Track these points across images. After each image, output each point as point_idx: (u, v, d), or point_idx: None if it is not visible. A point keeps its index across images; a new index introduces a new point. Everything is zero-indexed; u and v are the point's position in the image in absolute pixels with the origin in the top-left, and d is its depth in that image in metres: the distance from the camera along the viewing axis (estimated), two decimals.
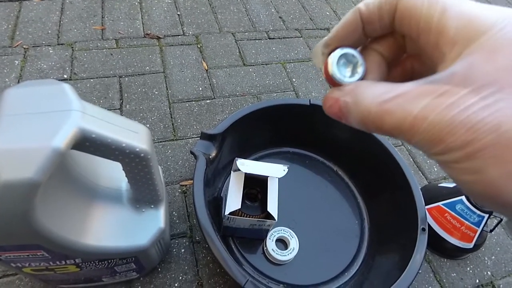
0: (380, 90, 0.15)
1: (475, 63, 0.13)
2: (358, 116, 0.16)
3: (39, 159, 0.25)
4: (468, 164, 0.13)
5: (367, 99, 0.16)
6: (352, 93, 0.16)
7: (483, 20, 0.14)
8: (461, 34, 0.14)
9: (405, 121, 0.14)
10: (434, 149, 0.14)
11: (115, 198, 0.37)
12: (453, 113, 0.13)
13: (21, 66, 0.69)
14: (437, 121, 0.14)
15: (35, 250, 0.32)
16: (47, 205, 0.28)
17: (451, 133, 0.13)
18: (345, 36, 0.18)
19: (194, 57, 0.78)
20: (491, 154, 0.13)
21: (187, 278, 0.49)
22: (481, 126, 0.13)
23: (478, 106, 0.13)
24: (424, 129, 0.14)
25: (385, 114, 0.15)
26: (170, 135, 0.64)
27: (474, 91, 0.13)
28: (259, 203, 0.50)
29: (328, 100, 0.18)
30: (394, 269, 0.46)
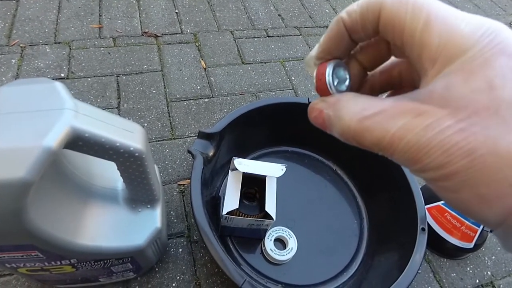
0: (361, 106, 0.16)
1: (453, 83, 0.14)
2: (339, 130, 0.16)
3: (31, 158, 0.24)
4: (445, 184, 0.14)
5: (348, 114, 0.16)
6: (335, 107, 0.17)
7: (465, 37, 0.14)
8: (442, 51, 0.14)
9: (383, 139, 0.15)
10: (413, 166, 0.15)
11: (110, 198, 0.37)
12: (429, 135, 0.13)
13: (18, 65, 0.68)
14: (414, 142, 0.14)
15: (29, 251, 0.32)
16: (40, 205, 0.28)
17: (428, 154, 0.14)
18: (333, 48, 0.18)
19: (192, 56, 0.78)
20: (464, 178, 0.13)
21: (185, 278, 0.49)
22: (456, 150, 0.13)
23: (453, 130, 0.13)
24: (401, 149, 0.14)
25: (364, 131, 0.15)
26: (168, 134, 0.64)
27: (451, 114, 0.13)
28: (257, 203, 0.50)
29: (313, 111, 0.18)
30: (394, 269, 0.46)
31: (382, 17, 0.15)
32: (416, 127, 0.14)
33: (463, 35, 0.14)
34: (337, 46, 0.18)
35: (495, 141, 0.13)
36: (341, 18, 0.17)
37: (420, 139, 0.14)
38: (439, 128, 0.13)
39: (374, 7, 0.15)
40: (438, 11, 0.14)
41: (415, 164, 0.14)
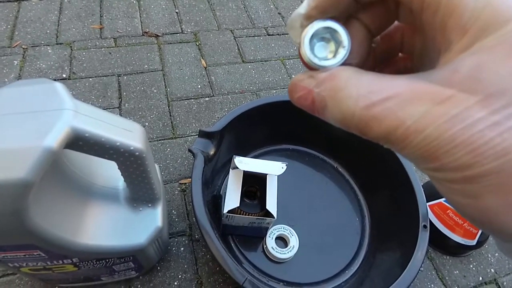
0: (366, 87, 0.12)
1: (488, 62, 0.11)
2: (338, 116, 0.13)
3: (31, 159, 0.24)
4: (464, 187, 0.12)
5: (350, 98, 0.13)
6: (330, 86, 0.13)
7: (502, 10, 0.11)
8: (478, 18, 0.11)
9: (396, 131, 0.12)
10: (426, 164, 0.12)
11: (111, 197, 0.37)
12: (455, 129, 0.11)
13: (20, 66, 0.69)
14: (435, 136, 0.11)
15: (31, 250, 0.32)
16: (42, 205, 0.28)
17: (450, 152, 0.11)
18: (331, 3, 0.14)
19: (193, 55, 0.78)
20: (493, 182, 0.11)
21: (187, 277, 0.49)
22: (487, 149, 0.11)
23: (486, 123, 0.11)
24: (417, 143, 0.12)
25: (371, 120, 0.12)
26: (169, 133, 0.64)
27: (482, 102, 0.11)
28: (258, 201, 0.50)
29: (297, 89, 0.14)
30: (396, 267, 0.46)
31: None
32: (438, 118, 0.11)
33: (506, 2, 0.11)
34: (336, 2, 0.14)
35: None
36: None
37: (443, 133, 0.11)
38: (468, 121, 0.11)
39: None
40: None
41: (431, 162, 0.12)
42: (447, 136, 0.11)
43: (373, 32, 0.16)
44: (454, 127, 0.11)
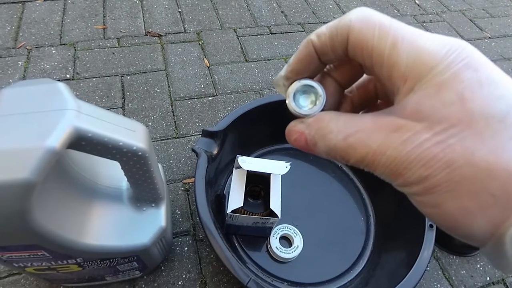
0: (342, 124, 0.16)
1: (425, 97, 0.14)
2: (325, 149, 0.17)
3: (34, 159, 0.24)
4: (427, 198, 0.14)
5: (332, 134, 0.16)
6: (316, 127, 0.17)
7: (432, 54, 0.14)
8: (412, 69, 0.14)
9: (367, 155, 0.15)
10: (395, 181, 0.15)
11: (115, 197, 0.37)
12: (408, 148, 0.14)
13: (25, 67, 0.69)
14: (394, 156, 0.14)
15: (35, 250, 0.32)
16: (45, 205, 0.28)
17: (408, 168, 0.14)
18: (302, 69, 0.18)
19: (196, 54, 0.78)
20: (446, 190, 0.13)
21: (191, 277, 0.49)
22: (435, 162, 0.13)
23: (431, 142, 0.13)
24: (383, 163, 0.15)
25: (349, 148, 0.15)
26: (172, 133, 0.64)
27: (427, 127, 0.14)
28: (262, 201, 0.49)
29: (292, 134, 0.18)
30: (401, 267, 0.45)
31: (350, 39, 0.15)
32: (394, 141, 0.14)
33: (430, 52, 0.14)
34: (307, 67, 0.18)
35: (472, 152, 0.13)
36: (310, 40, 0.17)
37: (400, 153, 0.14)
38: (417, 142, 0.14)
39: (342, 30, 0.16)
40: (404, 33, 0.15)
41: (397, 178, 0.15)
42: (403, 154, 0.14)
43: (344, 85, 0.20)
44: (408, 147, 0.14)
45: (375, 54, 0.15)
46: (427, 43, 0.14)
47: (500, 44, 0.98)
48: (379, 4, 1.04)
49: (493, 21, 1.06)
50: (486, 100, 0.13)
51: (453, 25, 1.01)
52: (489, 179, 0.13)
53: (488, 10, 1.10)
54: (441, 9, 1.07)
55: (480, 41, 0.98)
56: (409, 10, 1.04)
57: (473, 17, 1.06)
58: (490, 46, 0.97)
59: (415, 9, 1.05)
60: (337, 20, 0.16)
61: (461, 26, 1.02)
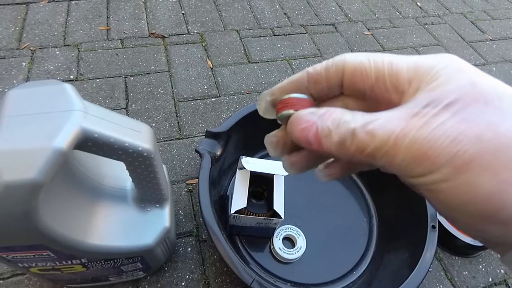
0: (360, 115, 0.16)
1: (436, 88, 0.14)
2: (340, 139, 0.16)
3: (41, 159, 0.24)
4: (459, 180, 0.13)
5: (351, 122, 0.15)
6: (331, 117, 0.16)
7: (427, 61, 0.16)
8: (414, 73, 0.15)
9: (388, 140, 0.14)
10: (418, 168, 0.14)
11: (119, 198, 0.37)
12: (433, 126, 0.13)
13: (28, 68, 0.69)
14: (418, 136, 0.14)
15: (41, 250, 0.32)
16: (51, 206, 0.28)
17: (435, 147, 0.13)
18: (290, 90, 0.19)
19: (199, 56, 0.78)
20: (481, 165, 0.12)
21: (194, 277, 0.49)
22: (463, 137, 0.13)
23: (454, 120, 0.13)
24: (405, 147, 0.14)
25: (368, 135, 0.15)
26: (175, 134, 0.64)
27: (446, 109, 0.14)
28: (265, 201, 0.50)
29: (302, 122, 0.17)
30: (404, 268, 0.45)
31: (347, 70, 0.17)
32: (416, 124, 0.14)
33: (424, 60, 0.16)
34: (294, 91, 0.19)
35: (497, 125, 0.13)
36: (306, 70, 0.19)
37: (425, 132, 0.13)
38: (440, 121, 0.13)
39: (338, 62, 0.17)
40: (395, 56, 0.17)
41: (422, 162, 0.14)
42: (427, 133, 0.13)
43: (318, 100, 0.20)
44: (432, 126, 0.13)
45: (374, 75, 0.17)
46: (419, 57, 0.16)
47: (502, 46, 0.98)
48: (381, 7, 1.04)
49: (494, 24, 1.06)
50: (493, 83, 0.14)
51: (454, 27, 1.02)
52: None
53: (489, 13, 1.10)
54: (443, 11, 1.07)
55: (482, 43, 0.98)
56: (411, 12, 1.04)
57: (474, 19, 1.06)
58: (492, 48, 0.97)
59: (417, 11, 1.05)
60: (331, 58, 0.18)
61: (462, 28, 1.02)
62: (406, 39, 0.95)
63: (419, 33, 0.97)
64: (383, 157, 0.15)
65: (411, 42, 0.94)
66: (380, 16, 1.00)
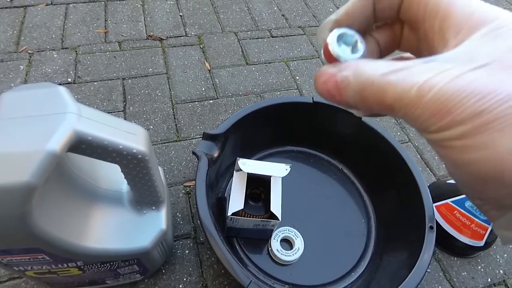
0: (383, 63, 0.15)
1: (478, 46, 0.14)
2: (358, 88, 0.15)
3: (35, 162, 0.24)
4: (474, 139, 0.13)
5: (370, 70, 0.15)
6: (352, 67, 0.16)
7: (487, 13, 0.14)
8: (466, 22, 0.14)
9: (409, 91, 0.13)
10: (437, 123, 0.13)
11: (115, 200, 0.37)
12: (462, 83, 0.13)
13: (26, 71, 0.69)
14: (445, 91, 0.13)
15: (36, 254, 0.32)
16: (46, 208, 0.28)
17: (460, 103, 0.12)
18: (357, 14, 0.18)
19: (197, 58, 0.78)
20: (500, 126, 0.12)
21: (192, 280, 0.49)
22: (493, 96, 0.12)
23: (489, 78, 0.13)
24: (429, 99, 0.13)
25: (388, 84, 0.14)
26: (173, 136, 0.64)
27: (479, 68, 0.13)
28: (263, 203, 0.49)
29: (322, 75, 0.17)
30: (402, 269, 0.45)
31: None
32: (447, 76, 0.13)
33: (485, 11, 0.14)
34: (361, 13, 0.18)
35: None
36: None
37: (452, 87, 0.13)
38: (472, 77, 0.13)
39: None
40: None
41: (442, 118, 0.13)
42: (456, 89, 0.13)
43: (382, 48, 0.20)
44: (461, 82, 0.13)
45: (432, 4, 0.15)
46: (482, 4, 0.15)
47: None
48: None
49: None
50: None
51: None
52: None
53: None
54: None
55: None
56: None
57: None
58: None
59: None
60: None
61: None
62: None
63: None
64: (402, 109, 0.14)
65: None
66: None
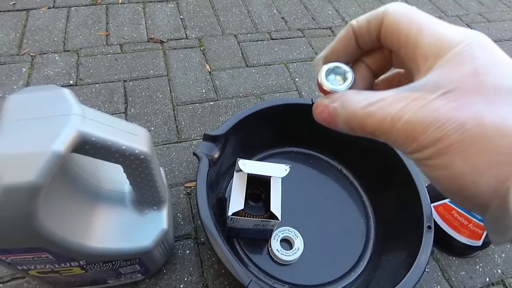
0: (364, 96, 0.17)
1: (443, 73, 0.16)
2: (345, 118, 0.18)
3: (40, 163, 0.25)
4: (439, 160, 0.15)
5: (353, 103, 0.17)
6: (340, 100, 0.18)
7: (451, 39, 0.16)
8: (432, 49, 0.16)
9: (384, 121, 0.16)
10: (409, 147, 0.16)
11: (117, 200, 0.38)
12: (425, 113, 0.15)
13: (28, 73, 0.70)
14: (410, 121, 0.15)
15: (39, 253, 0.32)
16: (50, 208, 0.29)
17: (424, 131, 0.15)
18: (341, 49, 0.20)
19: (197, 60, 0.79)
20: (458, 150, 0.14)
21: (192, 279, 0.50)
22: (449, 124, 0.14)
23: (446, 108, 0.15)
24: (399, 128, 0.16)
25: (368, 115, 0.17)
26: (174, 138, 0.65)
27: (442, 95, 0.15)
28: (263, 203, 0.50)
29: (318, 107, 0.20)
30: (402, 268, 0.45)
31: (384, 22, 0.18)
32: (413, 108, 0.15)
33: (450, 36, 0.16)
34: (345, 49, 0.20)
35: (482, 115, 0.14)
36: (350, 24, 0.20)
37: (416, 117, 0.15)
38: (433, 107, 0.15)
39: (379, 14, 0.18)
40: (430, 20, 0.17)
41: (412, 142, 0.16)
42: (420, 118, 0.15)
43: (375, 72, 0.22)
44: (425, 111, 0.15)
45: (403, 35, 0.17)
46: (447, 30, 0.17)
47: None
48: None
49: (490, 26, 1.07)
50: (497, 76, 0.15)
51: None
52: (497, 138, 0.14)
53: (484, 15, 1.11)
54: (439, 14, 1.08)
55: None
56: None
57: (470, 22, 1.07)
58: None
59: None
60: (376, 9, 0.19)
61: None
62: None
63: None
64: (382, 135, 0.17)
65: None
66: None
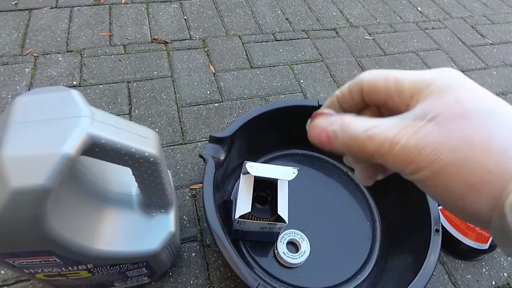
0: (364, 121, 0.19)
1: (429, 103, 0.18)
2: (345, 141, 0.19)
3: (50, 165, 0.25)
4: (436, 181, 0.16)
5: (354, 127, 0.19)
6: (339, 123, 0.20)
7: (428, 77, 0.19)
8: (415, 88, 0.19)
9: (384, 145, 0.17)
10: (407, 169, 0.17)
11: (125, 203, 0.37)
12: (419, 137, 0.17)
13: (32, 73, 0.70)
14: (406, 145, 0.17)
15: (47, 256, 0.32)
16: (58, 211, 0.29)
17: (419, 154, 0.16)
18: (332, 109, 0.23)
19: (202, 61, 0.79)
20: (452, 171, 0.16)
21: (198, 282, 0.49)
22: (442, 147, 0.16)
23: (436, 133, 0.16)
24: (397, 151, 0.17)
25: (368, 139, 0.18)
26: (179, 139, 0.64)
27: (430, 121, 0.17)
28: (269, 206, 0.50)
29: (315, 129, 0.21)
30: (408, 271, 0.45)
31: (364, 87, 0.21)
32: (407, 133, 0.17)
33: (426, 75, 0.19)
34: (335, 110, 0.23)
35: (471, 138, 0.16)
36: (335, 94, 0.23)
37: (412, 141, 0.17)
38: (425, 132, 0.17)
39: (357, 82, 0.21)
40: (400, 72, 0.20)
41: (409, 165, 0.17)
42: (414, 142, 0.17)
43: None
44: (418, 136, 0.17)
45: (384, 92, 0.20)
46: (420, 72, 0.19)
47: (502, 50, 0.99)
48: (382, 11, 1.05)
49: (495, 28, 1.07)
50: (475, 101, 0.17)
51: (455, 32, 1.02)
52: (486, 158, 0.15)
53: (489, 17, 1.11)
54: (443, 16, 1.08)
55: (482, 48, 0.99)
56: (411, 17, 1.05)
57: (474, 23, 1.07)
58: (492, 53, 0.97)
59: (417, 16, 1.06)
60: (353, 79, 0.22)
61: (462, 33, 1.02)
62: (407, 43, 0.95)
63: (420, 38, 0.98)
64: (381, 157, 0.18)
65: (412, 46, 0.95)
66: (381, 21, 1.01)
